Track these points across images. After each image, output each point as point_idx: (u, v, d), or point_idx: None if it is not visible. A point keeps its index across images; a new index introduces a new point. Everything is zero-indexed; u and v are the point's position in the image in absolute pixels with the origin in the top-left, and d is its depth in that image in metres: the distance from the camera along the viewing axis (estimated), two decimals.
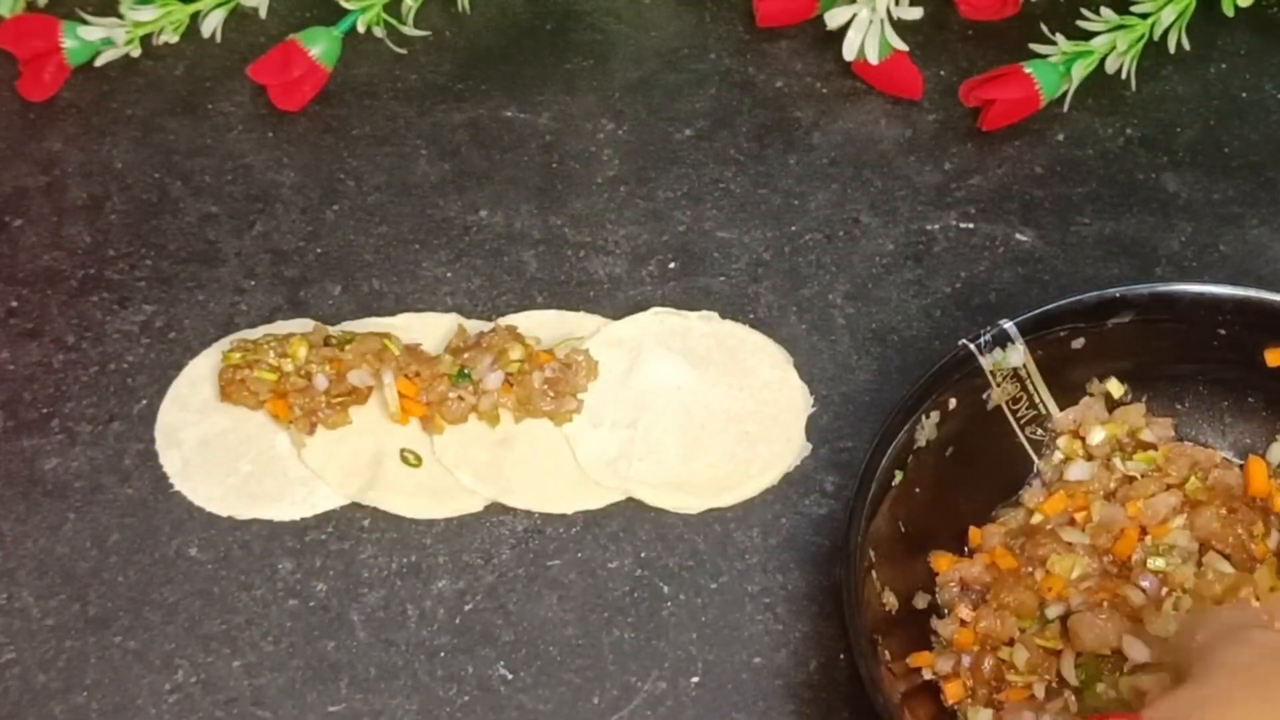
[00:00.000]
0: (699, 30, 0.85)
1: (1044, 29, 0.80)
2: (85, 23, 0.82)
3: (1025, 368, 0.66)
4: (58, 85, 0.82)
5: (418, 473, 0.69)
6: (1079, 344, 0.67)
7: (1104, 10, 0.80)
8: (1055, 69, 0.79)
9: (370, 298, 0.75)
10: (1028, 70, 0.79)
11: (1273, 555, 0.64)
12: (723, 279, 0.75)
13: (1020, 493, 0.67)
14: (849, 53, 0.80)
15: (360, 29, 0.83)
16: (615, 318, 0.73)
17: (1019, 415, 0.67)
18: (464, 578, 0.67)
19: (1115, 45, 0.80)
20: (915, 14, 0.80)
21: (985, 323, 0.66)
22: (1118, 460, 0.67)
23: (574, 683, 0.64)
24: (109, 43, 0.82)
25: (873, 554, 0.62)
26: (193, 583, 0.67)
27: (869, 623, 0.60)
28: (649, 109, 0.82)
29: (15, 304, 0.75)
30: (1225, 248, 0.76)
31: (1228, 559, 0.63)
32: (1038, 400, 0.67)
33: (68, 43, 0.81)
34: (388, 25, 0.83)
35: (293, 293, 0.75)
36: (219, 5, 0.83)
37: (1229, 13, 0.81)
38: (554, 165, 0.79)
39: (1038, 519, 0.66)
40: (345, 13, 0.82)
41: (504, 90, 0.82)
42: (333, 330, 0.72)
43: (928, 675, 0.62)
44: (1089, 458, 0.67)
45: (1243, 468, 0.67)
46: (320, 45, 0.81)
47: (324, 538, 0.68)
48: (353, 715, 0.63)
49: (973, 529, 0.66)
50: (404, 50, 0.83)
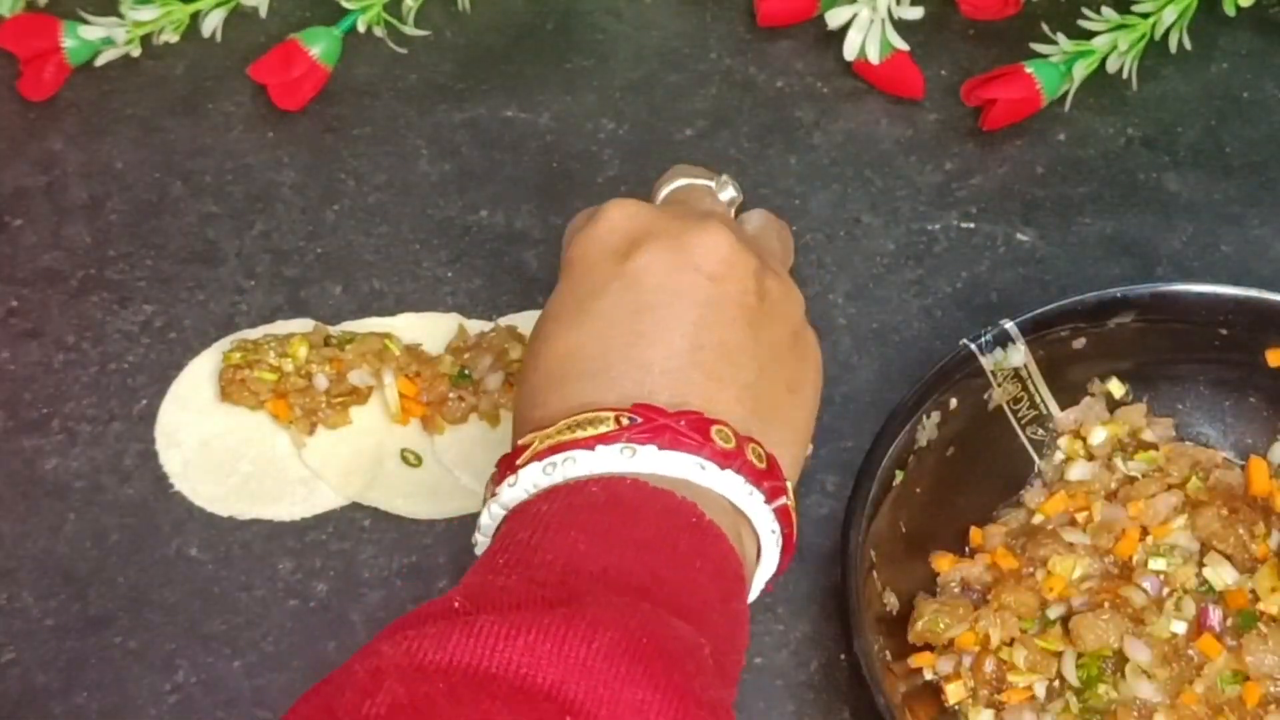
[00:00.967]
0: (699, 30, 0.85)
1: (1045, 29, 0.80)
2: (85, 22, 0.82)
3: (1026, 368, 0.66)
4: (58, 85, 0.82)
5: (418, 473, 0.69)
6: (1080, 344, 0.67)
7: (1105, 10, 0.80)
8: (1056, 69, 0.79)
9: (370, 298, 0.75)
10: (1029, 70, 0.79)
11: (1274, 555, 0.64)
12: None
13: (1021, 493, 0.67)
14: (850, 52, 0.80)
15: (360, 29, 0.83)
16: None
17: (1020, 415, 0.67)
18: None
19: (1116, 45, 0.80)
20: (916, 14, 0.80)
21: (986, 323, 0.66)
22: (1119, 460, 0.67)
23: None
24: (109, 42, 0.82)
25: (873, 554, 0.62)
26: (193, 583, 0.67)
27: (869, 623, 0.60)
28: (649, 109, 0.81)
29: (15, 304, 0.75)
30: (1227, 247, 0.76)
31: (1229, 559, 0.63)
32: (1039, 400, 0.67)
33: (68, 42, 0.81)
34: (388, 25, 0.83)
35: (293, 293, 0.75)
36: (219, 5, 0.83)
37: (1230, 12, 0.81)
38: (554, 165, 0.79)
39: (1039, 519, 0.66)
40: (345, 12, 0.82)
41: (504, 90, 0.82)
42: (333, 330, 0.72)
43: (929, 675, 0.62)
44: (1090, 458, 0.67)
45: (1244, 468, 0.67)
46: (320, 45, 0.81)
47: (324, 538, 0.68)
48: None
49: (973, 529, 0.66)
50: (404, 50, 0.83)
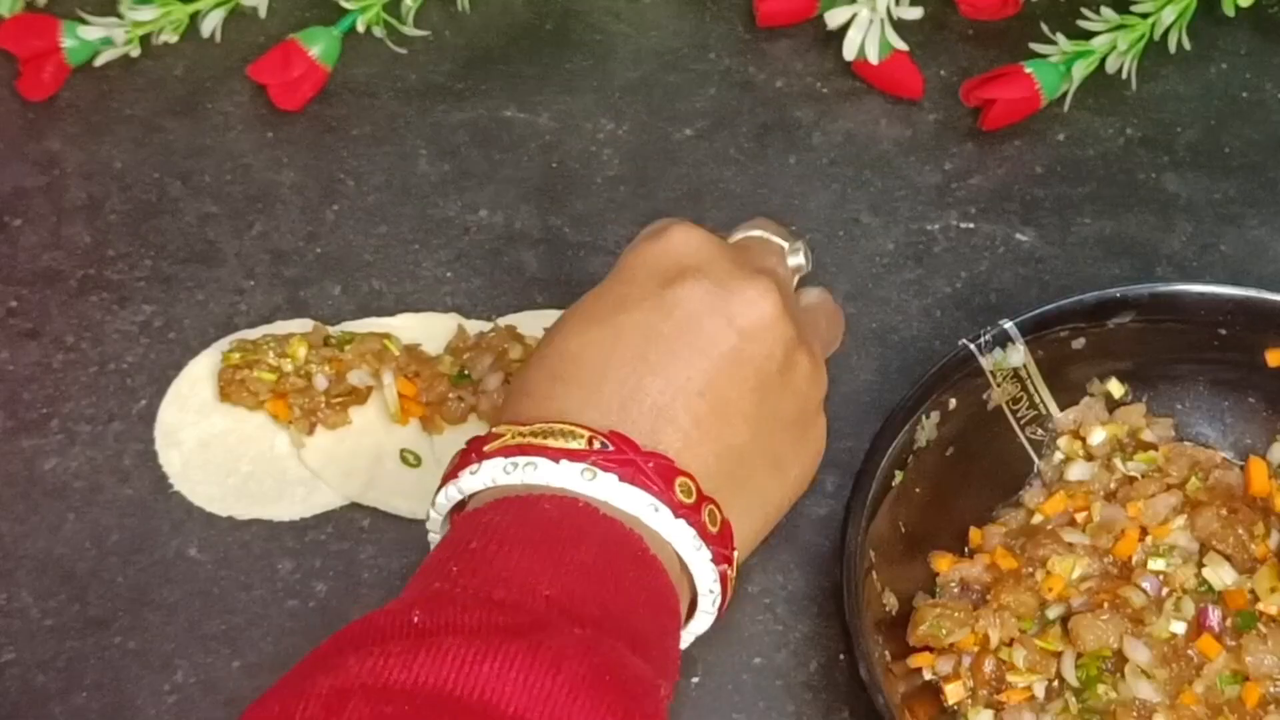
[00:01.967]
0: (699, 30, 0.85)
1: (1044, 29, 0.80)
2: (85, 22, 0.82)
3: (1025, 368, 0.66)
4: (57, 85, 0.82)
5: (417, 473, 0.69)
6: (1079, 344, 0.67)
7: (1104, 10, 0.80)
8: (1056, 69, 0.79)
9: (370, 298, 0.75)
10: (1028, 70, 0.79)
11: (1273, 556, 0.64)
12: None
13: (1020, 493, 0.67)
14: (849, 52, 0.80)
15: (360, 29, 0.83)
16: None
17: (1019, 415, 0.67)
18: None
19: (1116, 45, 0.80)
20: (915, 14, 0.80)
21: (985, 323, 0.66)
22: (1118, 460, 0.67)
23: None
24: (108, 42, 0.82)
25: (873, 554, 0.62)
26: (193, 583, 0.67)
27: (869, 623, 0.60)
28: (649, 109, 0.81)
29: (15, 304, 0.75)
30: (1226, 248, 0.76)
31: (1228, 559, 0.63)
32: (1038, 400, 0.67)
33: (67, 42, 0.81)
34: (387, 25, 0.83)
35: (293, 293, 0.75)
36: (219, 5, 0.83)
37: (1230, 12, 0.81)
38: (554, 165, 0.79)
39: (1038, 519, 0.66)
40: (345, 13, 0.82)
41: (504, 90, 0.82)
42: (332, 330, 0.72)
43: (928, 676, 0.63)
44: (1089, 458, 0.67)
45: (1243, 468, 0.67)
46: (320, 45, 0.81)
47: (324, 538, 0.68)
48: None
49: (973, 529, 0.66)
50: (404, 50, 0.83)
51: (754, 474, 0.56)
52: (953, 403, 0.65)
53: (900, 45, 0.80)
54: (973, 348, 0.65)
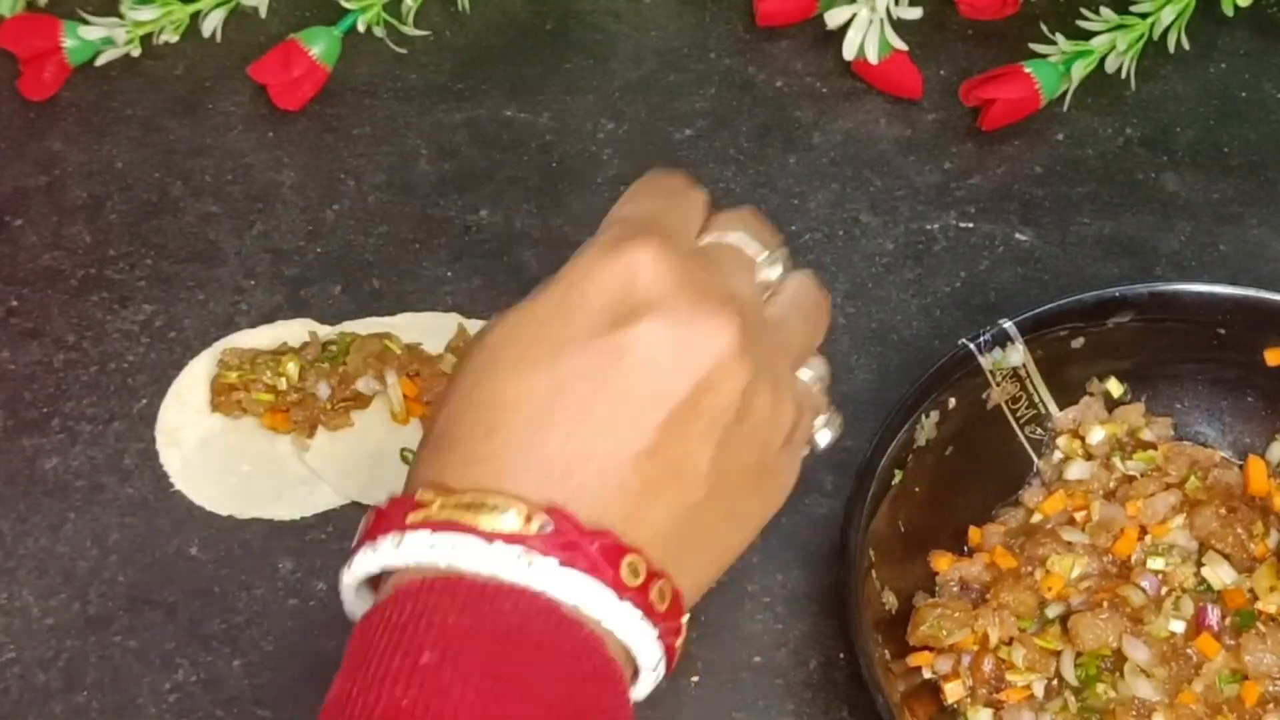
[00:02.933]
0: (699, 30, 0.85)
1: (1044, 29, 0.80)
2: (85, 22, 0.82)
3: (1025, 367, 0.66)
4: (58, 85, 0.82)
5: None
6: (1079, 344, 0.67)
7: (1104, 10, 0.80)
8: (1055, 69, 0.79)
9: (370, 297, 0.75)
10: (1028, 70, 0.79)
11: (1272, 555, 0.64)
12: None
13: (1020, 492, 0.67)
14: (849, 52, 0.80)
15: (360, 29, 0.83)
16: None
17: (1019, 415, 0.67)
18: None
19: (1115, 45, 0.80)
20: (915, 14, 0.80)
21: (985, 322, 0.66)
22: (1117, 460, 0.67)
23: None
24: (109, 42, 0.82)
25: (872, 554, 0.62)
26: (193, 582, 0.67)
27: (869, 622, 0.60)
28: (649, 109, 0.82)
29: (15, 303, 0.75)
30: (1225, 247, 0.76)
31: (1227, 558, 0.64)
32: (1037, 400, 0.67)
33: (68, 42, 0.81)
34: (388, 25, 0.83)
35: (293, 292, 0.75)
36: (219, 5, 0.83)
37: (1229, 12, 0.81)
38: (554, 165, 0.80)
39: (1037, 518, 0.66)
40: (345, 12, 0.82)
41: (504, 90, 0.82)
42: (331, 332, 0.72)
43: (928, 675, 0.63)
44: (1088, 457, 0.67)
45: (1242, 467, 0.67)
46: (320, 45, 0.81)
47: (324, 538, 0.68)
48: None
49: (972, 528, 0.66)
50: (404, 50, 0.83)
51: (709, 530, 0.52)
52: (952, 402, 0.65)
53: (900, 45, 0.80)
54: (972, 347, 0.65)
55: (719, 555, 0.53)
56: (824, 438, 0.56)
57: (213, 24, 0.83)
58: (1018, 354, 0.66)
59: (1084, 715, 0.61)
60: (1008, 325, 0.66)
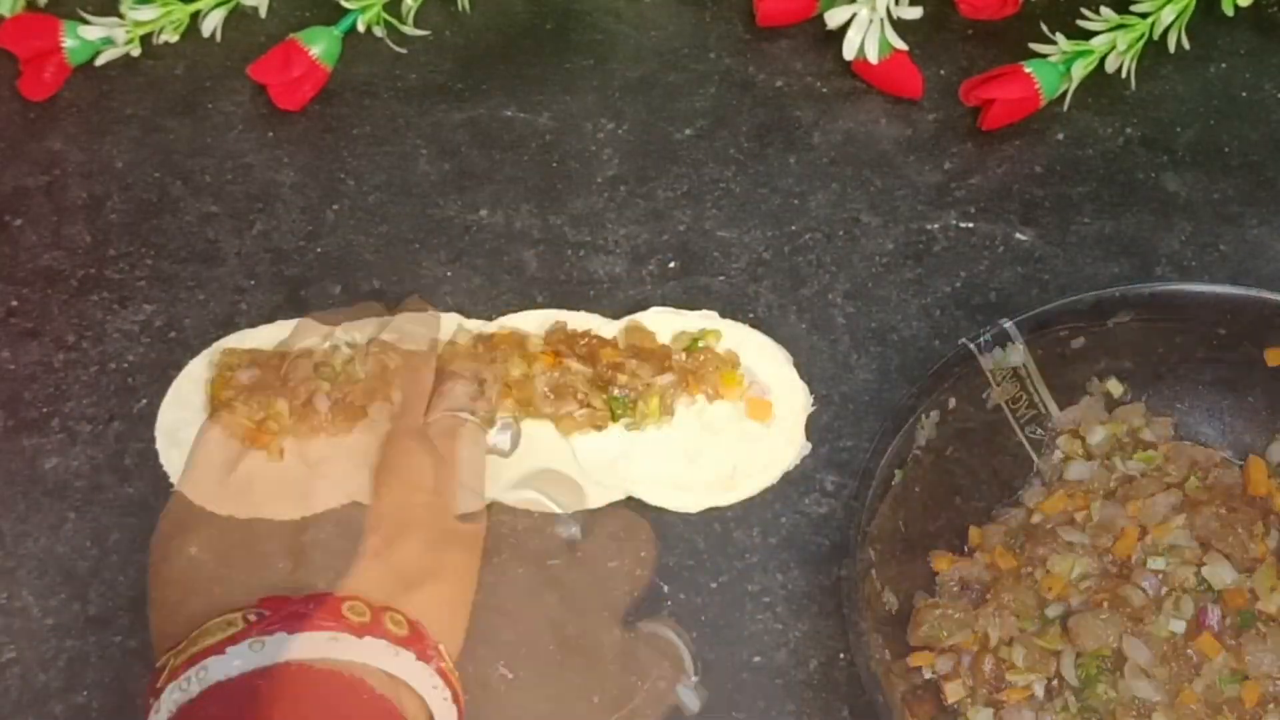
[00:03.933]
0: (699, 30, 0.85)
1: (1044, 28, 0.80)
2: (85, 22, 0.82)
3: (1025, 367, 0.66)
4: (58, 85, 0.82)
5: None
6: (1079, 344, 0.67)
7: (1104, 10, 0.80)
8: (1055, 68, 0.79)
9: (370, 297, 0.75)
10: (1028, 70, 0.79)
11: (1272, 554, 0.64)
12: (722, 278, 0.75)
13: (1020, 492, 0.67)
14: (849, 52, 0.80)
15: (360, 28, 0.83)
16: (615, 317, 0.73)
17: (1019, 415, 0.67)
18: None
19: (1115, 45, 0.80)
20: (915, 13, 0.80)
21: (985, 322, 0.66)
22: (1117, 460, 0.67)
23: (574, 682, 0.64)
24: (109, 42, 0.82)
25: (873, 553, 0.62)
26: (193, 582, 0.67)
27: (869, 622, 0.60)
28: (649, 108, 0.82)
29: (15, 303, 0.75)
30: (1225, 247, 0.76)
31: (1227, 558, 0.64)
32: (1037, 400, 0.67)
33: (68, 42, 0.81)
34: (388, 25, 0.83)
35: (293, 292, 0.75)
36: (219, 5, 0.83)
37: (1229, 12, 0.81)
38: (554, 165, 0.80)
39: (1038, 518, 0.66)
40: (345, 12, 0.82)
41: (504, 90, 0.82)
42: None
43: (928, 675, 0.63)
44: (1089, 457, 0.67)
45: (1242, 467, 0.67)
46: (320, 45, 0.81)
47: (324, 537, 0.68)
48: None
49: (973, 528, 0.66)
50: (404, 50, 0.83)
51: (420, 566, 0.59)
52: (952, 402, 0.65)
53: (900, 45, 0.80)
54: (972, 347, 0.65)
55: (450, 590, 0.60)
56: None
57: (212, 24, 0.83)
58: (1018, 354, 0.66)
59: (1084, 715, 0.61)
60: (1008, 325, 0.66)
